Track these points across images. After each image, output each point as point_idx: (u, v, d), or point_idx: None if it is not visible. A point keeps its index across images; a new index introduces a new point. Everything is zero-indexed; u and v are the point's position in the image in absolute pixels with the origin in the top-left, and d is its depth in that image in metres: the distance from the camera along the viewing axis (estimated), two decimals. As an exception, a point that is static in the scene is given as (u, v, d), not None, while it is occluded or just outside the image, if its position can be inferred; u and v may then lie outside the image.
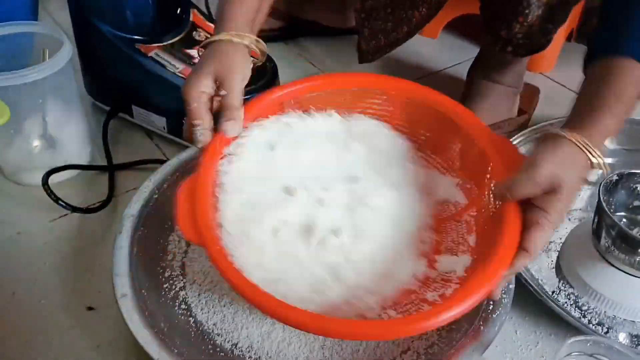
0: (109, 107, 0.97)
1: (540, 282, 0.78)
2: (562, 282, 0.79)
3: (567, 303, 0.76)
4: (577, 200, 0.90)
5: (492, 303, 0.66)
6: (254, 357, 0.65)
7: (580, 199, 0.90)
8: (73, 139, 0.90)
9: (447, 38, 1.30)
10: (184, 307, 0.69)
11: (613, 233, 0.72)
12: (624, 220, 0.79)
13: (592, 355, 0.60)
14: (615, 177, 0.77)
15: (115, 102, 0.97)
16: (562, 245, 0.83)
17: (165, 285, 0.71)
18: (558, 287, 0.78)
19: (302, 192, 0.67)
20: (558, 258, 0.81)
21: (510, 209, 0.60)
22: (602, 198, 0.73)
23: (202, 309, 0.69)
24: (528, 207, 0.59)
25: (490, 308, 0.66)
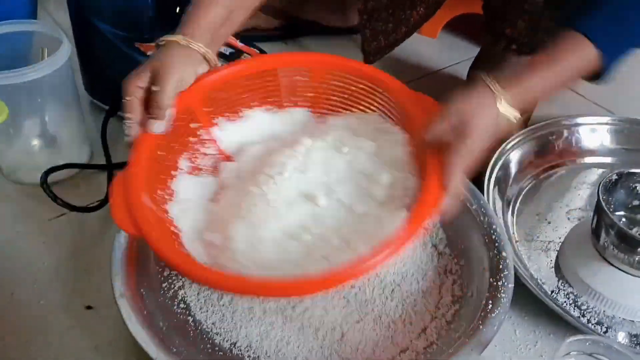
0: (108, 106, 0.96)
1: (540, 281, 0.78)
2: (561, 281, 0.79)
3: (566, 302, 0.76)
4: (575, 199, 0.90)
5: (491, 302, 0.66)
6: (253, 356, 0.65)
7: (580, 198, 0.90)
8: (72, 138, 0.90)
9: (446, 38, 1.30)
10: (183, 306, 0.69)
11: (612, 232, 0.72)
12: (624, 220, 0.79)
13: (591, 355, 0.60)
14: (615, 176, 0.77)
15: (114, 101, 0.96)
16: (561, 245, 0.83)
17: (164, 285, 0.71)
18: (557, 286, 0.78)
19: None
20: (557, 257, 0.81)
21: (431, 153, 0.63)
22: (601, 197, 0.73)
23: (201, 308, 0.69)
24: (446, 147, 0.62)
25: (489, 307, 0.66)
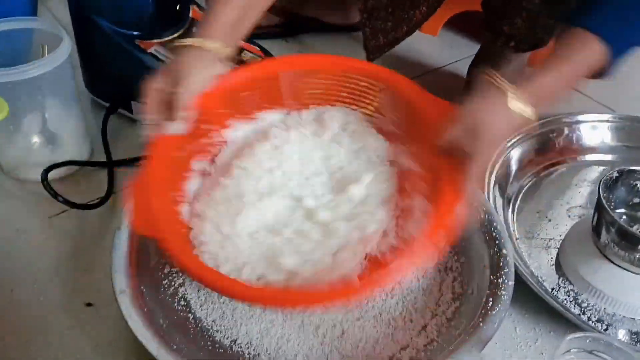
0: (109, 103, 0.97)
1: (540, 279, 0.78)
2: (561, 279, 0.78)
3: (566, 300, 0.76)
4: (576, 197, 0.90)
5: (491, 300, 0.66)
6: (253, 353, 0.65)
7: (581, 196, 0.90)
8: (72, 135, 0.90)
9: (447, 35, 1.30)
10: (183, 303, 0.69)
11: (613, 230, 0.72)
12: (624, 217, 0.79)
13: (591, 352, 0.60)
14: (616, 174, 0.77)
15: (115, 98, 0.97)
16: (562, 242, 0.83)
17: (165, 282, 0.71)
18: (558, 284, 0.78)
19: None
20: (558, 255, 0.81)
21: (444, 157, 0.63)
22: (602, 195, 0.73)
23: (201, 306, 0.69)
24: (459, 151, 0.62)
25: (490, 305, 0.66)
